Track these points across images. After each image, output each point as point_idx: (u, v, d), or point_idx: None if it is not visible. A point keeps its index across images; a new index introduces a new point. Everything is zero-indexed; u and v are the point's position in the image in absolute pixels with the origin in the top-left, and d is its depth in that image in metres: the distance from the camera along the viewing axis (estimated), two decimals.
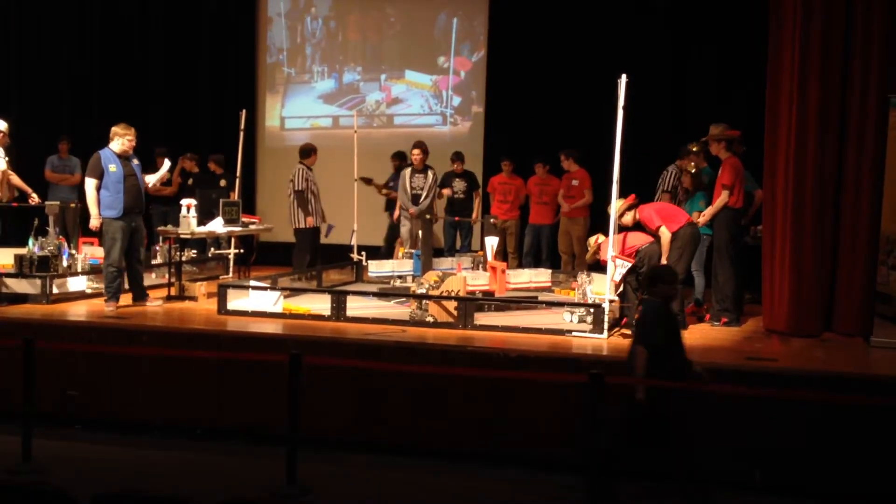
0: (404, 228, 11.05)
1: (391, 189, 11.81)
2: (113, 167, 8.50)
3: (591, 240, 8.34)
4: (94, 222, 8.54)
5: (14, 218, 9.51)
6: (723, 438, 6.31)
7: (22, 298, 8.77)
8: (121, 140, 8.59)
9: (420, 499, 6.19)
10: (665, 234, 8.02)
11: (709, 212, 8.38)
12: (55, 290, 8.94)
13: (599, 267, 8.24)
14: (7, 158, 8.50)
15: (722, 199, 8.30)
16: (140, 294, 8.90)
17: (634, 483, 6.21)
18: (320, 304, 8.52)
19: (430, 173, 10.87)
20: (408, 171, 10.94)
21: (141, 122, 9.26)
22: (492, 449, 6.76)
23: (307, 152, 10.82)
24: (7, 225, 9.75)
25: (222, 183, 11.80)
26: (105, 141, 8.66)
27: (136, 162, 8.81)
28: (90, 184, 8.51)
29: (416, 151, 10.86)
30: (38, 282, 8.80)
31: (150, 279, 10.66)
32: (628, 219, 8.17)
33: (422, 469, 6.65)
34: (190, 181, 12.15)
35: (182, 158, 12.50)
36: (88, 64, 14.44)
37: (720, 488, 6.20)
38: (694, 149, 9.09)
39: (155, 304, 8.70)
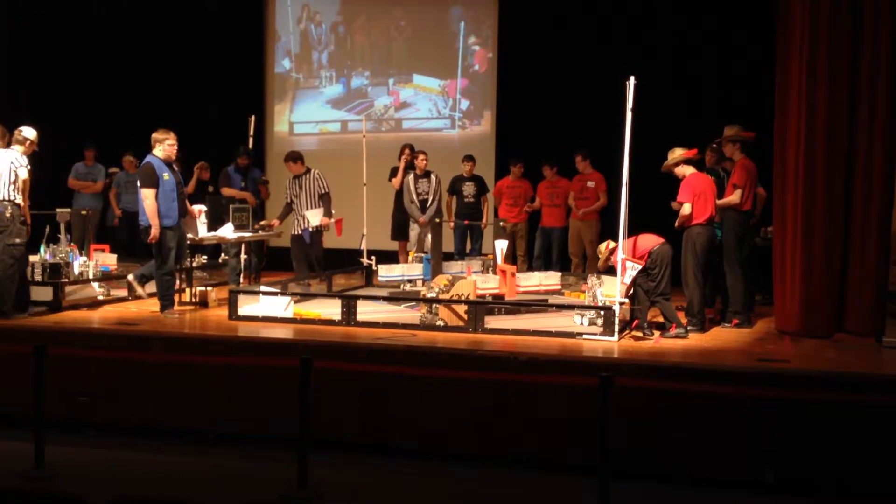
0: (413, 233, 11.11)
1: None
2: (166, 175, 8.45)
3: (602, 246, 8.31)
4: (156, 232, 8.36)
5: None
6: (735, 440, 6.30)
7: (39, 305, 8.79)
8: (162, 146, 8.52)
9: (431, 501, 6.18)
10: (685, 209, 8.03)
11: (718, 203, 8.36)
12: (66, 297, 8.97)
13: (611, 269, 8.23)
14: (29, 167, 8.47)
15: (732, 198, 8.28)
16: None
17: (640, 484, 6.22)
18: (330, 308, 8.54)
19: (433, 177, 11.00)
20: (410, 176, 11.02)
21: (148, 128, 9.27)
22: (502, 452, 6.75)
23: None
24: None
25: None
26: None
27: (176, 168, 8.80)
28: (149, 194, 8.34)
29: (422, 157, 11.05)
30: (50, 289, 8.82)
31: None
32: (682, 170, 8.23)
33: (432, 472, 6.65)
34: (211, 188, 12.16)
35: (197, 168, 12.52)
36: (96, 70, 14.51)
37: (733, 488, 6.21)
38: (714, 146, 9.04)
39: (173, 315, 8.67)
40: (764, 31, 9.09)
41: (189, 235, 9.08)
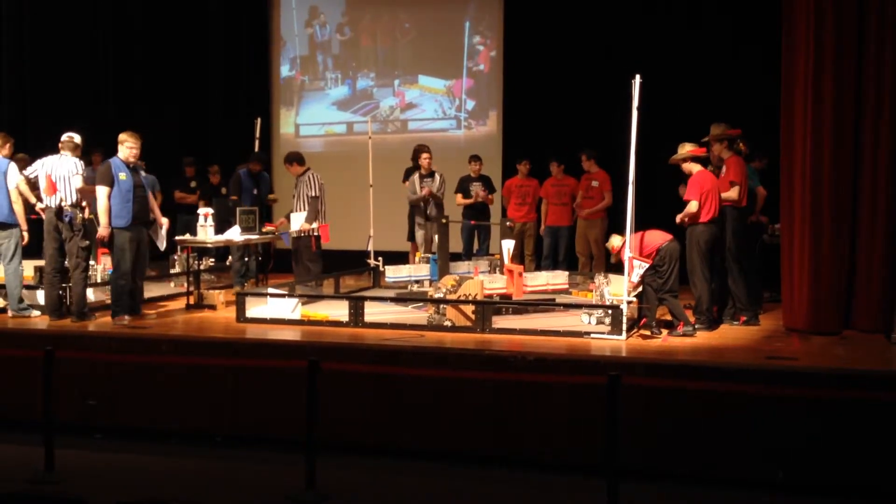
0: (419, 234, 11.10)
1: None
2: (123, 175, 8.46)
3: (616, 240, 8.29)
4: (104, 231, 8.39)
5: (34, 229, 9.53)
6: (744, 438, 6.29)
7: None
8: (122, 147, 8.59)
9: (438, 502, 6.18)
10: (692, 206, 8.03)
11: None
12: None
13: (618, 268, 8.22)
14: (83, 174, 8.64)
15: (730, 194, 8.26)
16: (135, 308, 8.76)
17: (649, 484, 6.21)
18: (338, 310, 8.54)
19: (437, 176, 11.02)
20: (416, 175, 11.04)
21: (152, 131, 9.30)
22: (510, 452, 6.75)
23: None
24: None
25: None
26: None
27: (144, 174, 8.81)
28: (102, 191, 8.40)
29: (425, 156, 11.00)
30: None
31: (168, 288, 10.75)
32: (689, 167, 8.25)
33: (440, 472, 6.65)
34: (224, 190, 12.19)
35: (209, 172, 12.54)
36: (102, 76, 14.55)
37: (742, 488, 6.19)
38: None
39: (122, 322, 8.45)
40: (769, 29, 9.06)
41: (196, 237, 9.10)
